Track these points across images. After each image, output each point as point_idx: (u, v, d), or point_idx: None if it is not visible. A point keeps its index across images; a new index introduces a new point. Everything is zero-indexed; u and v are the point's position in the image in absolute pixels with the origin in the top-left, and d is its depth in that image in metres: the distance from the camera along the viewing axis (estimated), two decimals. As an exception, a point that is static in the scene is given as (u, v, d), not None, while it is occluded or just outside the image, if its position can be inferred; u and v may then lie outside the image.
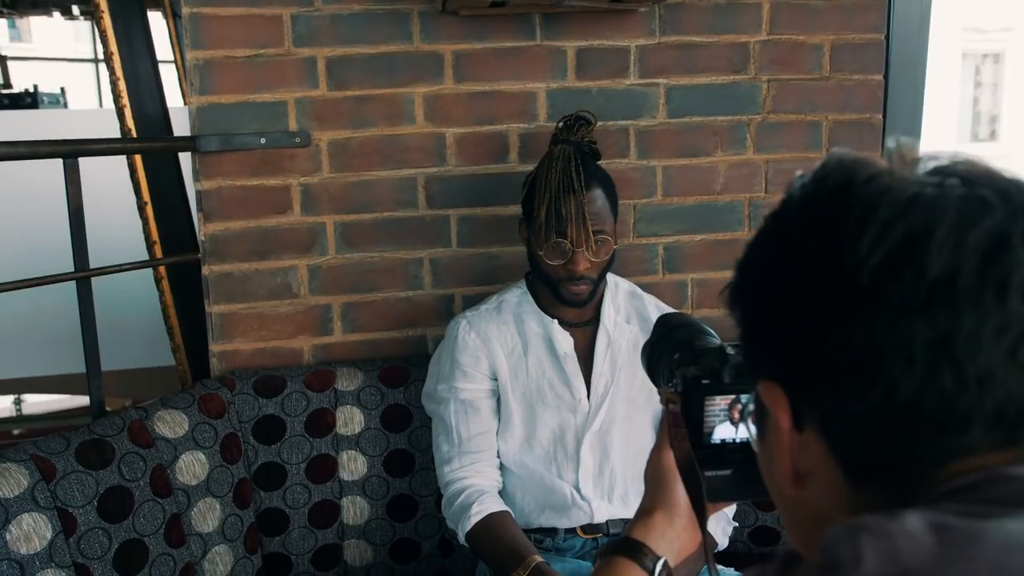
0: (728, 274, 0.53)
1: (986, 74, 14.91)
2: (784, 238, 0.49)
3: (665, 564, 0.73)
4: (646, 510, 0.76)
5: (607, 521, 1.52)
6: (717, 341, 0.81)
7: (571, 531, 1.52)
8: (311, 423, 1.66)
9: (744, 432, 0.74)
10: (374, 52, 1.67)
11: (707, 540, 0.72)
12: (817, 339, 0.45)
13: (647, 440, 1.59)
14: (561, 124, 1.56)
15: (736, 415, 0.73)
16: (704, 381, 0.73)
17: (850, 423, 0.45)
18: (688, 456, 0.73)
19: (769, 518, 1.78)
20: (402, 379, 1.72)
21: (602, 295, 1.59)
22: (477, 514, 1.46)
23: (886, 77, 1.82)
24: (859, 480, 0.46)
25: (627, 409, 1.56)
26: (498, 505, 1.49)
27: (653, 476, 0.77)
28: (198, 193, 1.66)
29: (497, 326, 1.57)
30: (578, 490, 1.52)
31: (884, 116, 1.82)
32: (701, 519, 0.72)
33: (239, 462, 1.60)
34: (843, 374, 0.45)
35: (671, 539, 0.74)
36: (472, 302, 1.70)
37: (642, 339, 1.57)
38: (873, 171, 0.46)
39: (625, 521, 1.53)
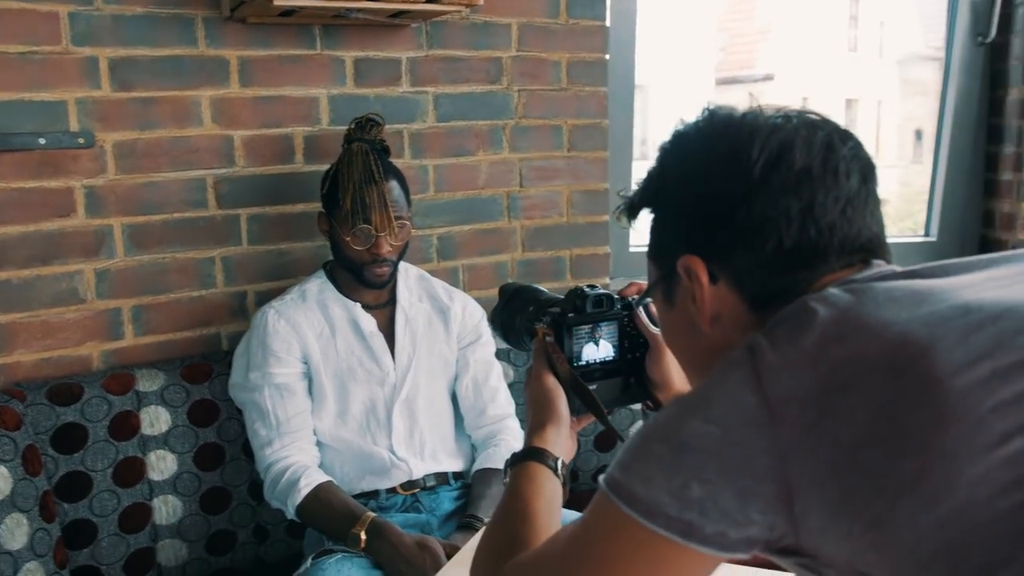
0: (494, 259, 0.75)
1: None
2: (694, 154, 0.74)
3: (561, 462, 0.92)
4: (538, 425, 0.93)
5: (423, 476, 1.69)
6: (552, 294, 1.07)
7: (392, 490, 1.66)
8: (115, 427, 1.63)
9: (603, 353, 0.99)
10: (159, 55, 1.69)
11: (611, 430, 0.95)
12: (730, 216, 0.70)
13: (445, 404, 1.78)
14: (354, 124, 1.71)
15: (599, 336, 0.98)
16: (570, 314, 0.97)
17: (754, 270, 0.71)
18: (571, 374, 0.94)
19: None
20: (205, 375, 1.74)
21: (396, 279, 1.76)
22: (306, 486, 1.56)
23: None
24: (761, 308, 0.71)
25: (428, 378, 1.74)
26: (323, 476, 1.60)
27: (537, 397, 0.95)
28: (-29, 196, 1.57)
29: (304, 312, 1.67)
30: (394, 453, 1.67)
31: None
32: (602, 417, 0.93)
33: (40, 475, 1.53)
34: (748, 236, 0.70)
35: (561, 444, 0.92)
36: (265, 298, 1.77)
37: (434, 316, 1.80)
38: (744, 111, 0.74)
39: (438, 475, 1.71)
